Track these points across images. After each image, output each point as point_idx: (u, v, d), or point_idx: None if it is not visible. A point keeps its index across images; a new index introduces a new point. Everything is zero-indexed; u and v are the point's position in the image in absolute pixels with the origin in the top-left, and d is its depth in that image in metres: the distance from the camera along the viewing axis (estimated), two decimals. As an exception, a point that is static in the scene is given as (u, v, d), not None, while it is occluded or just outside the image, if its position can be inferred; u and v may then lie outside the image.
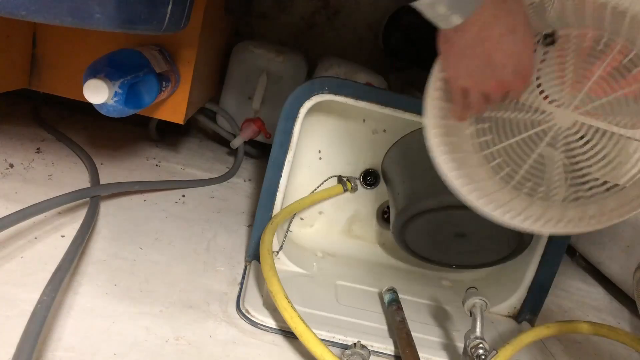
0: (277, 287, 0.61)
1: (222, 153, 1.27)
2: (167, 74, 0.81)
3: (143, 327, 0.58)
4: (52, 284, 0.54)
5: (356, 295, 0.78)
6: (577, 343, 0.81)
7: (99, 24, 0.57)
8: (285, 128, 0.75)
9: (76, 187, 0.79)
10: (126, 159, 1.04)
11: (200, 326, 0.61)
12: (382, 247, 0.93)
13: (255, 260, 0.77)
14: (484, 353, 0.59)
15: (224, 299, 0.68)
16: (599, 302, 1.03)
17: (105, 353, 0.52)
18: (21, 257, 0.63)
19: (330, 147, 0.90)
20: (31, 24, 0.82)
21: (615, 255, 1.06)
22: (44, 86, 0.87)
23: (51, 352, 0.50)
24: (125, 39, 0.82)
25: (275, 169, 0.77)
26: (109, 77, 0.66)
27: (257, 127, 1.18)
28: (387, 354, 0.66)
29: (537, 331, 0.71)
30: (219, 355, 0.57)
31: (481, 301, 0.63)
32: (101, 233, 0.74)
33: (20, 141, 0.96)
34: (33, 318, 0.49)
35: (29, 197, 0.76)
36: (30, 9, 0.51)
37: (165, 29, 0.69)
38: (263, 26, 1.37)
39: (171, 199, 0.92)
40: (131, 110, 0.73)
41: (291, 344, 0.63)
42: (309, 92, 0.74)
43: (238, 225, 0.91)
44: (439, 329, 0.74)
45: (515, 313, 0.83)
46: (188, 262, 0.74)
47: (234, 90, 1.19)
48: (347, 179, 0.90)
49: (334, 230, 0.95)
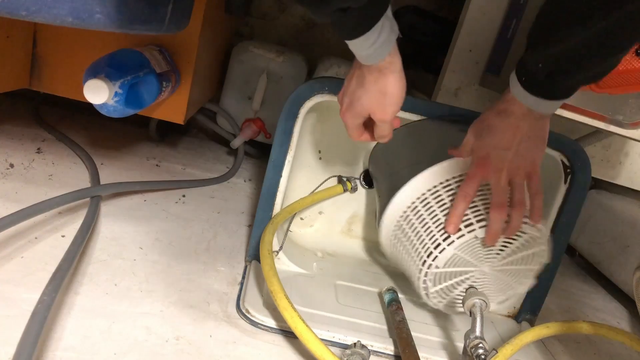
0: (277, 287, 0.61)
1: (222, 153, 1.27)
2: (167, 74, 0.81)
3: (143, 327, 0.58)
4: (53, 284, 0.54)
5: (356, 295, 0.78)
6: (577, 343, 0.81)
7: (100, 24, 0.57)
8: (285, 128, 0.75)
9: (76, 187, 0.79)
10: (126, 159, 1.04)
11: (201, 326, 0.61)
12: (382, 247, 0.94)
13: (255, 260, 0.77)
14: (483, 353, 0.59)
15: (224, 299, 0.68)
16: (599, 302, 1.03)
17: (105, 353, 0.52)
18: (21, 257, 0.63)
19: (330, 147, 0.90)
20: (32, 24, 0.82)
21: (615, 255, 1.06)
22: (44, 86, 0.87)
23: (51, 352, 0.50)
24: (125, 39, 0.82)
25: (275, 169, 0.77)
26: (109, 77, 0.66)
27: (257, 127, 1.18)
28: (387, 353, 0.66)
29: (536, 331, 0.71)
30: (219, 355, 0.57)
31: (481, 301, 0.63)
32: (101, 233, 0.74)
33: (21, 141, 0.96)
34: (33, 318, 0.49)
35: (30, 197, 0.76)
36: (31, 9, 0.51)
37: (166, 29, 0.69)
38: (263, 26, 1.37)
39: (171, 199, 0.92)
40: (131, 111, 0.73)
41: (291, 344, 0.63)
42: (309, 92, 0.74)
43: (238, 225, 0.91)
44: (438, 329, 0.74)
45: (515, 313, 0.83)
46: (188, 262, 0.74)
47: (234, 90, 1.19)
48: (347, 179, 0.90)
49: (334, 230, 0.95)
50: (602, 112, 0.77)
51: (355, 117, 0.59)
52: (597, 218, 1.15)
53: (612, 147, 1.06)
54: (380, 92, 0.55)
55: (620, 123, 0.78)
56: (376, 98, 0.56)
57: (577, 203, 0.79)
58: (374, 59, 0.53)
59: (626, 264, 1.01)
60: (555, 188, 0.80)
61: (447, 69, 0.95)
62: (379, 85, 0.55)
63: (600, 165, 1.06)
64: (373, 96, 0.56)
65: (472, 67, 0.94)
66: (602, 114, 0.77)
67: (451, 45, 0.95)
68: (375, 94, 0.56)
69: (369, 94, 0.56)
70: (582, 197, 0.79)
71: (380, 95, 0.55)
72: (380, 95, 0.55)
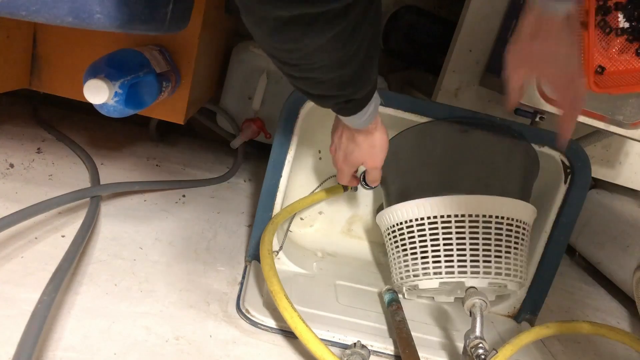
0: (277, 287, 0.61)
1: (222, 153, 1.27)
2: (167, 74, 0.81)
3: (143, 327, 0.58)
4: (53, 284, 0.54)
5: (356, 295, 0.78)
6: (577, 343, 0.81)
7: (100, 24, 0.57)
8: (285, 128, 0.75)
9: (76, 187, 0.79)
10: (126, 159, 1.04)
11: (200, 326, 0.61)
12: (382, 247, 0.94)
13: (255, 260, 0.77)
14: (483, 353, 0.59)
15: (224, 299, 0.68)
16: (598, 302, 1.03)
17: (105, 353, 0.52)
18: (21, 257, 0.63)
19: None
20: (31, 24, 0.82)
21: (615, 255, 1.06)
22: (44, 86, 0.87)
23: (51, 352, 0.50)
24: (125, 39, 0.82)
25: (275, 169, 0.77)
26: (109, 78, 0.66)
27: (257, 127, 1.18)
28: (387, 353, 0.66)
29: (536, 331, 0.71)
30: (219, 355, 0.57)
31: (481, 301, 0.63)
32: (101, 233, 0.74)
33: (21, 141, 0.96)
34: (33, 318, 0.49)
35: (29, 197, 0.76)
36: (31, 9, 0.51)
37: (166, 29, 0.69)
38: (263, 26, 1.37)
39: (171, 199, 0.92)
40: (131, 111, 0.73)
41: (291, 344, 0.63)
42: (309, 92, 0.74)
43: (238, 225, 0.91)
44: (438, 329, 0.74)
45: (515, 313, 0.83)
46: (188, 262, 0.74)
47: (234, 90, 1.19)
48: (347, 179, 0.90)
49: (334, 230, 0.95)
50: (602, 112, 0.77)
51: (351, 167, 0.71)
52: (597, 218, 1.15)
53: (612, 147, 1.06)
54: (370, 146, 0.66)
55: (620, 123, 0.78)
56: (367, 151, 0.67)
57: (577, 203, 0.79)
58: (365, 125, 0.61)
59: (626, 264, 1.01)
60: (555, 188, 0.80)
61: (447, 69, 0.95)
62: (368, 141, 0.65)
63: (600, 165, 1.06)
64: (365, 149, 0.66)
65: (472, 67, 0.94)
66: (602, 114, 0.77)
67: (451, 45, 0.95)
68: (367, 148, 0.66)
69: (361, 148, 0.66)
70: (582, 197, 0.79)
71: (371, 148, 0.66)
72: (370, 149, 0.66)
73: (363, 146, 0.66)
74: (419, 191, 0.73)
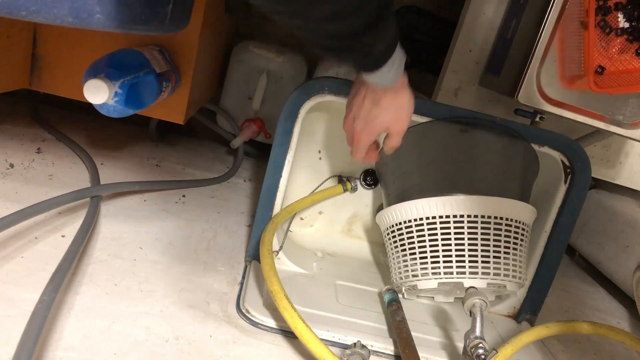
0: (277, 287, 0.61)
1: (222, 153, 1.27)
2: (167, 74, 0.81)
3: (143, 327, 0.58)
4: (53, 284, 0.54)
5: (356, 295, 0.78)
6: (577, 343, 0.81)
7: (100, 24, 0.57)
8: (285, 128, 0.75)
9: (76, 187, 0.79)
10: (126, 159, 1.04)
11: (200, 326, 0.61)
12: (382, 247, 0.94)
13: (255, 260, 0.77)
14: (483, 353, 0.59)
15: (224, 299, 0.68)
16: (598, 302, 1.03)
17: (105, 353, 0.52)
18: (21, 257, 0.63)
19: (330, 147, 0.90)
20: (31, 24, 0.82)
21: (614, 255, 1.06)
22: (44, 86, 0.87)
23: (51, 352, 0.50)
24: (125, 39, 0.82)
25: (275, 169, 0.77)
26: (109, 78, 0.66)
27: (257, 127, 1.18)
28: (387, 353, 0.66)
29: (536, 331, 0.71)
30: (219, 355, 0.57)
31: (481, 301, 0.63)
32: (101, 233, 0.74)
33: (21, 141, 0.96)
34: (33, 318, 0.49)
35: (29, 197, 0.76)
36: (31, 9, 0.51)
37: (166, 30, 0.69)
38: (263, 26, 1.37)
39: (171, 199, 0.92)
40: (131, 111, 0.73)
41: (291, 344, 0.63)
42: (309, 92, 0.74)
43: (238, 225, 0.91)
44: (438, 329, 0.74)
45: (515, 313, 0.83)
46: (188, 262, 0.74)
47: (234, 90, 1.19)
48: (347, 179, 0.90)
49: (334, 230, 0.95)
50: (602, 112, 0.77)
51: (372, 135, 0.64)
52: (597, 218, 1.15)
53: (612, 147, 1.06)
54: (397, 107, 0.62)
55: (620, 123, 0.78)
56: (394, 113, 0.62)
57: (577, 203, 0.79)
58: (392, 82, 0.58)
59: (626, 264, 1.01)
60: (555, 188, 0.80)
61: (447, 69, 0.95)
62: (396, 102, 0.61)
63: (600, 165, 1.06)
64: (392, 112, 0.62)
65: (472, 67, 0.94)
66: (602, 114, 0.77)
67: (451, 45, 0.95)
68: (393, 110, 0.62)
69: (387, 111, 0.62)
70: (582, 197, 0.79)
71: (398, 110, 0.62)
72: (397, 110, 0.62)
73: (390, 109, 0.62)
74: (419, 191, 0.73)
